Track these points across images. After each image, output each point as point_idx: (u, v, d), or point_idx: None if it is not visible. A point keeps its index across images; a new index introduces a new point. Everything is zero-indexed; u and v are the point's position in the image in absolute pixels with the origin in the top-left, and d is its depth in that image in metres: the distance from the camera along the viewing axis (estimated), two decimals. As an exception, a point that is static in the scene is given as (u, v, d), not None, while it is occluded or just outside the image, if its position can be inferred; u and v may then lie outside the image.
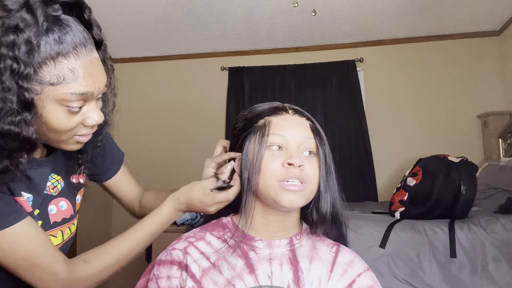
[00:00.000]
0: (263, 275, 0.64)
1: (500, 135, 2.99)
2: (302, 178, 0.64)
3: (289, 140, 0.67)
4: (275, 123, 0.68)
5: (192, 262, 0.65)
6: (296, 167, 0.64)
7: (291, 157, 0.65)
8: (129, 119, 3.92)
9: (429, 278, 1.66)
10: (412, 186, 1.92)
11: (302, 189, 0.65)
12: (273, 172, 0.65)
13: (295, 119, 0.70)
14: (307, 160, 0.67)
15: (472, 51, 3.36)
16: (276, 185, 0.65)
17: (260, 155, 0.66)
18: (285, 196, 0.64)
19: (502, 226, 1.67)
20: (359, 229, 1.80)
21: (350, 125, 3.43)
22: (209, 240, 0.69)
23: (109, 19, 3.12)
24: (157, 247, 2.41)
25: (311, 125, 0.70)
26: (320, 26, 3.25)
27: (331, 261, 0.68)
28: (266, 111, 0.71)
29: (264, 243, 0.68)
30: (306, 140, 0.68)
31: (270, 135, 0.67)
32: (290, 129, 0.68)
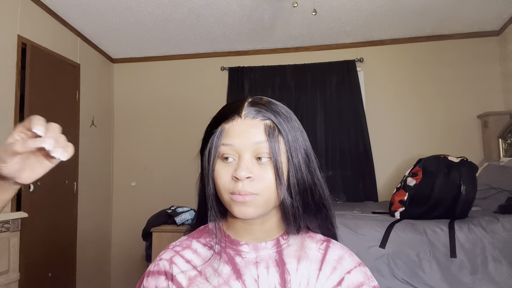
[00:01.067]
0: (250, 280, 0.63)
1: (500, 135, 2.99)
2: (252, 190, 0.62)
3: (239, 149, 0.63)
4: (226, 130, 0.65)
5: (179, 272, 0.65)
6: (243, 179, 0.61)
7: (237, 169, 0.62)
8: (129, 118, 3.93)
9: (429, 278, 1.66)
10: (412, 186, 1.92)
11: (253, 200, 0.62)
12: (224, 185, 0.64)
13: (247, 123, 0.64)
14: (259, 168, 0.63)
15: (472, 51, 3.36)
16: (228, 198, 0.64)
17: (211, 167, 0.65)
18: (237, 208, 0.63)
19: (502, 226, 1.67)
20: (359, 229, 1.80)
21: (350, 125, 3.43)
22: (195, 248, 0.69)
23: (109, 19, 3.12)
24: (157, 247, 2.41)
25: (266, 124, 0.64)
26: (320, 26, 3.25)
27: (320, 259, 0.67)
28: (222, 115, 0.67)
29: (250, 247, 0.67)
30: (257, 146, 0.63)
31: (221, 146, 0.64)
32: (240, 136, 0.64)
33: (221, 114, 0.68)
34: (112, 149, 3.92)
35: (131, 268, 3.67)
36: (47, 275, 2.80)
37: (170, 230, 2.43)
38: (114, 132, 3.95)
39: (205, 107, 3.73)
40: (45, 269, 2.79)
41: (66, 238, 3.09)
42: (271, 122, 0.65)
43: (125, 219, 3.79)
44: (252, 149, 0.63)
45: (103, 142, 3.76)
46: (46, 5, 2.89)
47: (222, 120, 0.67)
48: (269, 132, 0.64)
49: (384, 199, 3.22)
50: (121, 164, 3.89)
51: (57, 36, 3.07)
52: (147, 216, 2.66)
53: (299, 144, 0.66)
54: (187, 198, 3.49)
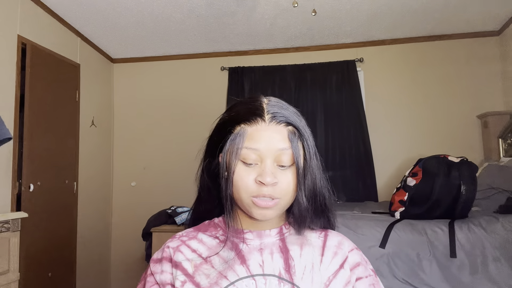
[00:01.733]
0: (255, 265, 0.65)
1: (500, 135, 2.99)
2: (275, 194, 0.64)
3: (263, 154, 0.64)
4: (249, 134, 0.65)
5: (184, 259, 0.67)
6: (268, 185, 0.63)
7: (263, 174, 0.63)
8: (129, 118, 3.93)
9: (429, 278, 1.66)
10: (412, 186, 1.92)
11: (274, 204, 0.64)
12: (246, 188, 0.64)
13: (271, 128, 0.65)
14: (282, 174, 0.65)
15: (472, 51, 3.37)
16: (248, 200, 0.65)
17: (233, 168, 0.65)
18: (257, 211, 0.65)
19: (502, 226, 1.67)
20: (359, 229, 1.80)
21: (350, 125, 3.43)
22: (201, 238, 0.71)
23: (109, 19, 3.12)
24: (156, 246, 2.41)
25: (289, 131, 0.66)
26: (320, 26, 3.25)
27: (321, 245, 0.70)
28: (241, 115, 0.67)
29: (254, 234, 0.69)
30: (282, 152, 0.64)
31: (243, 149, 0.65)
32: (265, 141, 0.64)
33: (240, 115, 0.67)
34: (112, 149, 3.92)
35: (131, 268, 3.67)
36: (47, 275, 2.80)
37: (170, 230, 2.43)
38: (114, 132, 3.95)
39: (205, 107, 3.73)
40: (45, 269, 2.79)
41: (66, 238, 3.09)
42: (293, 128, 0.67)
43: (125, 219, 3.79)
44: (275, 154, 0.65)
45: (103, 142, 3.76)
46: (46, 5, 2.89)
47: (241, 122, 0.67)
48: (292, 138, 0.65)
49: (384, 199, 3.22)
50: (121, 164, 3.89)
51: (57, 36, 3.07)
52: (147, 216, 2.66)
53: (313, 148, 0.69)
54: (187, 198, 3.48)
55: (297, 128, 0.67)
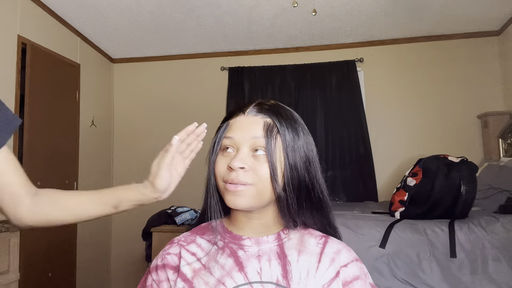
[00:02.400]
0: (253, 272, 0.65)
1: (500, 135, 2.99)
2: (245, 179, 0.66)
3: (238, 142, 0.68)
4: (230, 125, 0.71)
5: (184, 264, 0.68)
6: (236, 169, 0.66)
7: (232, 159, 0.66)
8: (129, 118, 3.93)
9: (429, 278, 1.66)
10: (412, 186, 1.92)
11: (245, 190, 0.66)
12: (220, 174, 0.69)
13: (248, 119, 0.70)
14: (254, 161, 0.67)
15: (472, 51, 3.36)
16: (222, 186, 0.69)
17: (213, 158, 0.71)
18: (229, 197, 0.67)
19: (502, 226, 1.67)
20: (359, 229, 1.80)
21: (350, 125, 3.42)
22: (199, 243, 0.71)
23: (109, 19, 3.12)
24: (157, 247, 2.41)
25: (265, 122, 0.69)
26: (320, 26, 3.25)
27: (319, 252, 0.69)
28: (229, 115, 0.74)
29: (252, 241, 0.69)
30: (254, 140, 0.67)
31: (223, 139, 0.70)
32: (240, 130, 0.69)
33: (229, 113, 0.75)
34: (112, 149, 3.92)
35: (131, 268, 3.67)
36: (47, 275, 2.80)
37: (170, 230, 2.43)
38: (114, 132, 3.95)
39: (205, 107, 3.73)
40: (45, 269, 2.79)
41: (66, 238, 3.09)
42: (271, 121, 0.69)
43: (125, 219, 3.79)
44: (249, 142, 0.68)
45: (103, 142, 3.76)
46: (46, 5, 2.89)
47: (229, 117, 0.73)
48: (268, 129, 0.68)
49: (384, 199, 3.22)
50: (121, 164, 3.89)
51: (57, 36, 3.07)
52: (147, 216, 2.66)
53: (298, 145, 0.70)
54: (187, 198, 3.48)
55: (274, 122, 0.69)
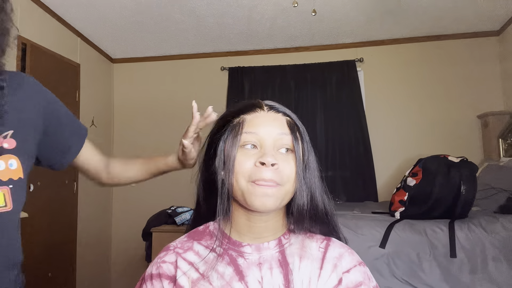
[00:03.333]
0: (253, 282, 0.62)
1: (500, 135, 2.99)
2: (276, 179, 0.62)
3: (263, 138, 0.63)
4: (249, 120, 0.66)
5: (181, 275, 0.64)
6: (269, 166, 0.61)
7: (263, 155, 0.61)
8: (129, 118, 3.93)
9: (429, 278, 1.66)
10: (412, 186, 1.92)
11: (275, 191, 0.62)
12: (245, 172, 0.62)
13: (270, 115, 0.66)
14: (283, 158, 0.63)
15: (472, 51, 3.36)
16: (248, 186, 0.62)
17: (233, 154, 0.63)
18: (257, 198, 0.61)
19: (502, 226, 1.67)
20: (359, 229, 1.80)
21: (350, 125, 3.43)
22: (197, 250, 0.67)
23: (109, 19, 3.12)
24: (157, 247, 2.41)
25: (288, 120, 0.67)
26: (320, 26, 3.25)
27: (321, 257, 0.66)
28: (241, 109, 0.68)
29: (253, 248, 0.66)
30: (281, 137, 0.64)
31: (243, 134, 0.64)
32: (264, 126, 0.64)
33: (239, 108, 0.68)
34: (112, 149, 3.92)
35: (131, 268, 3.67)
36: (47, 275, 2.80)
37: (170, 230, 2.43)
38: (114, 132, 3.94)
39: (205, 107, 3.71)
40: (45, 269, 2.79)
41: (66, 238, 3.09)
42: (291, 120, 0.67)
43: (125, 219, 3.79)
44: (275, 139, 0.64)
45: (103, 142, 3.76)
46: (46, 5, 2.89)
47: (241, 113, 0.67)
48: (291, 127, 0.66)
49: (384, 199, 3.21)
50: (121, 164, 3.89)
51: (57, 36, 3.07)
52: (147, 216, 2.66)
53: (311, 148, 0.69)
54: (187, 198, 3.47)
55: (294, 121, 0.67)
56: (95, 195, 3.56)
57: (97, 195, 3.61)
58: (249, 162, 0.62)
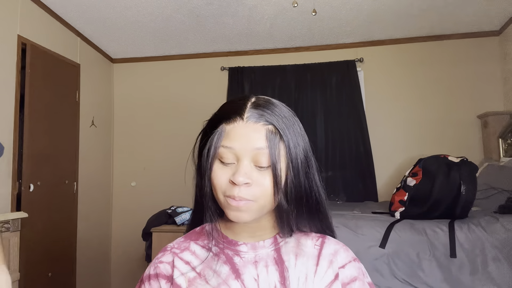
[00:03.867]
0: (250, 279, 0.63)
1: (500, 135, 2.99)
2: (247, 196, 0.61)
3: (239, 153, 0.62)
4: (227, 132, 0.63)
5: (179, 275, 0.65)
6: (240, 185, 0.60)
7: (236, 174, 0.61)
8: (129, 118, 3.93)
9: (429, 278, 1.66)
10: (412, 186, 1.92)
11: (248, 206, 0.61)
12: (221, 187, 0.63)
13: (249, 127, 0.62)
14: (258, 174, 0.62)
15: (472, 51, 3.36)
16: (223, 199, 0.63)
17: (209, 166, 0.63)
18: (231, 212, 0.62)
19: (502, 226, 1.67)
20: (359, 229, 1.80)
21: (350, 125, 3.42)
22: (193, 250, 0.68)
23: (109, 19, 3.12)
24: (157, 247, 2.41)
25: (268, 130, 0.63)
26: (320, 26, 3.25)
27: (317, 254, 0.67)
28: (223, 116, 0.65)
29: (248, 246, 0.67)
30: (258, 152, 0.61)
31: (220, 148, 0.63)
32: (240, 140, 0.62)
33: (222, 113, 0.66)
34: (112, 149, 3.92)
35: (131, 268, 3.67)
36: (47, 275, 2.80)
37: (170, 230, 2.43)
38: (114, 132, 3.95)
39: (205, 107, 3.71)
40: (45, 269, 2.79)
41: (66, 238, 3.09)
42: (273, 127, 0.63)
43: (125, 219, 3.79)
44: (252, 154, 0.62)
45: (103, 142, 3.76)
46: (46, 5, 2.89)
47: (223, 120, 0.65)
48: (271, 138, 0.62)
49: (384, 199, 3.22)
50: (121, 164, 3.89)
51: (57, 36, 3.07)
52: (147, 216, 2.66)
53: (300, 150, 0.65)
54: (187, 198, 3.48)
55: (277, 128, 0.63)
56: (95, 195, 3.56)
57: (97, 195, 3.61)
58: (224, 177, 0.62)
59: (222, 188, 0.62)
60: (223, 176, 0.62)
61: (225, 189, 0.62)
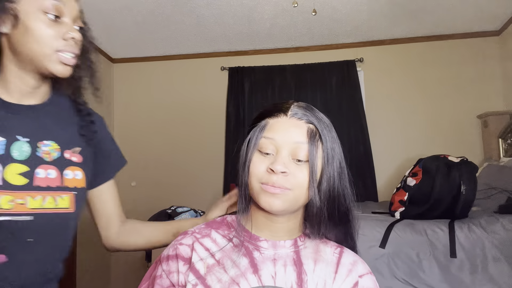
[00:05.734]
0: (267, 276, 0.64)
1: (500, 135, 2.99)
2: (284, 184, 0.64)
3: (279, 145, 0.65)
4: (270, 125, 0.67)
5: (198, 260, 0.66)
6: (278, 173, 0.63)
7: (275, 162, 0.64)
8: (129, 118, 3.93)
9: (429, 278, 1.66)
10: (412, 186, 1.92)
11: (283, 194, 0.64)
12: (257, 175, 0.65)
13: (291, 122, 0.67)
14: (295, 167, 0.65)
15: (472, 51, 3.36)
16: (258, 187, 0.65)
17: (249, 157, 0.67)
18: (265, 198, 0.64)
19: (502, 226, 1.67)
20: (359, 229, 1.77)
21: (350, 125, 3.42)
22: (214, 238, 0.69)
23: (109, 19, 3.12)
24: (157, 247, 2.41)
25: (309, 128, 0.67)
26: (320, 26, 3.25)
27: (336, 262, 0.68)
28: (268, 110, 0.70)
29: (269, 243, 0.68)
30: (297, 146, 0.65)
31: (262, 138, 0.66)
32: (283, 132, 0.66)
33: (266, 111, 0.70)
34: (112, 149, 3.92)
35: (131, 268, 3.67)
36: (47, 275, 2.79)
37: (170, 230, 2.43)
38: (114, 132, 3.94)
39: (205, 107, 3.73)
40: (45, 269, 2.79)
41: (66, 238, 3.09)
42: (314, 127, 0.67)
43: (125, 219, 3.79)
44: (291, 147, 0.65)
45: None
46: (46, 5, 2.89)
47: (267, 115, 0.69)
48: (311, 135, 0.66)
49: (384, 199, 3.22)
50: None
51: (57, 36, 3.06)
52: (147, 216, 2.66)
53: (336, 154, 0.69)
54: (187, 198, 3.49)
55: (317, 128, 0.67)
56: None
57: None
58: (262, 166, 0.65)
59: (259, 176, 0.65)
60: (262, 164, 0.65)
61: (261, 177, 0.65)
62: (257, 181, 0.65)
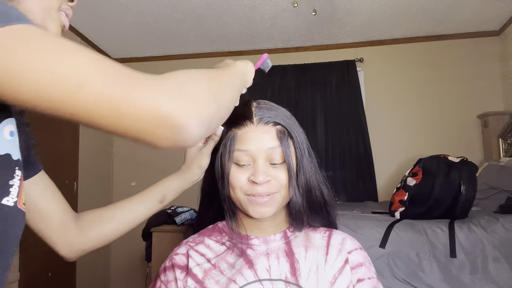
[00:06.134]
0: (262, 269, 0.67)
1: (500, 135, 2.99)
2: (269, 191, 0.66)
3: (254, 155, 0.66)
4: (239, 136, 0.68)
5: (194, 265, 0.68)
6: (261, 184, 0.65)
7: (255, 174, 0.65)
8: (129, 119, 3.92)
9: (429, 278, 1.66)
10: (412, 186, 1.92)
11: (271, 200, 0.66)
12: (241, 187, 0.67)
13: (260, 129, 0.68)
14: (274, 170, 0.67)
15: (472, 51, 3.36)
16: (244, 198, 0.67)
17: (226, 171, 0.68)
18: (254, 209, 0.66)
19: (502, 226, 1.67)
20: (359, 229, 1.80)
21: (350, 125, 3.42)
22: (208, 244, 0.72)
23: (109, 19, 3.12)
24: (156, 246, 2.41)
25: (277, 130, 0.68)
26: (320, 26, 3.25)
27: (325, 245, 0.71)
28: (232, 121, 0.67)
29: (260, 240, 0.71)
30: (272, 151, 0.67)
31: (235, 151, 0.67)
32: (255, 141, 0.67)
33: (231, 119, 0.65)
34: (112, 149, 3.92)
35: (131, 268, 3.67)
36: (47, 275, 2.80)
37: (170, 230, 2.43)
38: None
39: (205, 107, 3.73)
40: (45, 269, 2.79)
41: (66, 238, 3.09)
42: (281, 127, 0.69)
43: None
44: (266, 153, 0.67)
45: (103, 142, 3.76)
46: (46, 5, 2.89)
47: (233, 125, 0.69)
48: (281, 137, 0.68)
49: (384, 199, 3.21)
50: (121, 164, 3.89)
51: (57, 36, 3.06)
52: (147, 216, 2.66)
53: (304, 145, 0.71)
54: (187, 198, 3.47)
55: (285, 127, 0.69)
56: (95, 195, 3.56)
57: (97, 195, 3.61)
58: (243, 177, 0.67)
59: (243, 188, 0.67)
60: (242, 177, 0.67)
61: (246, 189, 0.67)
62: (242, 192, 0.67)
